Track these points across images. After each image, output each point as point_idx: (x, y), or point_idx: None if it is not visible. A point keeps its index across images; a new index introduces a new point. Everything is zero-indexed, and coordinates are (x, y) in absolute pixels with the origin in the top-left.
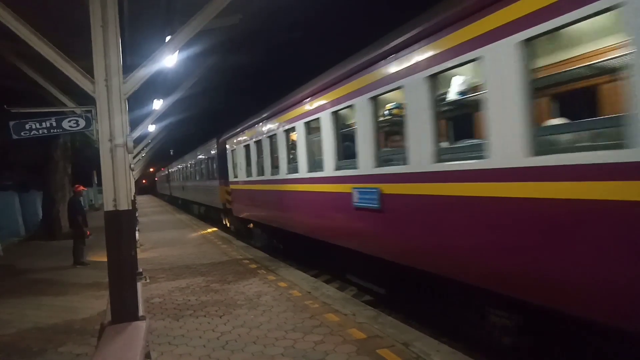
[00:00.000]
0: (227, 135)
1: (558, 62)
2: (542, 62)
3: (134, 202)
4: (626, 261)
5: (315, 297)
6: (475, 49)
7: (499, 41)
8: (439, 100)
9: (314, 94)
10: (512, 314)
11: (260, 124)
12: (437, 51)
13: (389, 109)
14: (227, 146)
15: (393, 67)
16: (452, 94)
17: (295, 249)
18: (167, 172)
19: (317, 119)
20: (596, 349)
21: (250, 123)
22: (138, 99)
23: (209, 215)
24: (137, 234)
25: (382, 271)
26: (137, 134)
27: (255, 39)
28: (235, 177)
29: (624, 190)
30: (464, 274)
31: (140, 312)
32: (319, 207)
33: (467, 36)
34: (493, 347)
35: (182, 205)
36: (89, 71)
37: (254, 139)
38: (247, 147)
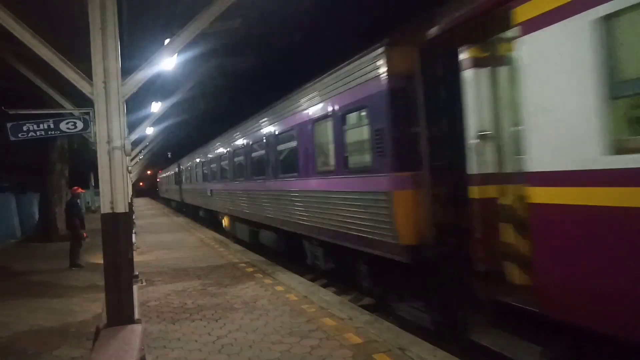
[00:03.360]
0: None
1: None
2: None
3: (131, 205)
4: None
5: (312, 301)
6: None
7: None
8: None
9: None
10: None
11: None
12: None
13: None
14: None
15: None
16: None
17: None
18: (177, 169)
19: None
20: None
21: None
22: (136, 101)
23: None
24: (133, 237)
25: None
26: (135, 136)
27: (255, 43)
28: None
29: None
30: None
31: (136, 315)
32: None
33: None
34: (489, 349)
35: (208, 221)
36: (87, 73)
37: None
38: None
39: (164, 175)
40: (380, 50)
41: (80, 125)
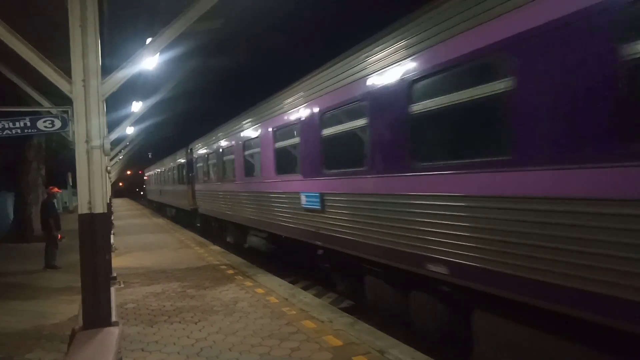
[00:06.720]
0: None
1: None
2: None
3: (109, 206)
4: None
5: (293, 304)
6: None
7: None
8: None
9: None
10: None
11: None
12: None
13: None
14: None
15: None
16: None
17: None
18: (184, 159)
19: None
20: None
21: None
22: (117, 100)
23: None
24: (112, 238)
25: None
26: (114, 136)
27: (237, 43)
28: None
29: None
30: None
31: (113, 318)
32: None
33: None
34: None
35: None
36: (66, 71)
37: None
38: None
39: (157, 170)
40: None
41: (58, 123)
